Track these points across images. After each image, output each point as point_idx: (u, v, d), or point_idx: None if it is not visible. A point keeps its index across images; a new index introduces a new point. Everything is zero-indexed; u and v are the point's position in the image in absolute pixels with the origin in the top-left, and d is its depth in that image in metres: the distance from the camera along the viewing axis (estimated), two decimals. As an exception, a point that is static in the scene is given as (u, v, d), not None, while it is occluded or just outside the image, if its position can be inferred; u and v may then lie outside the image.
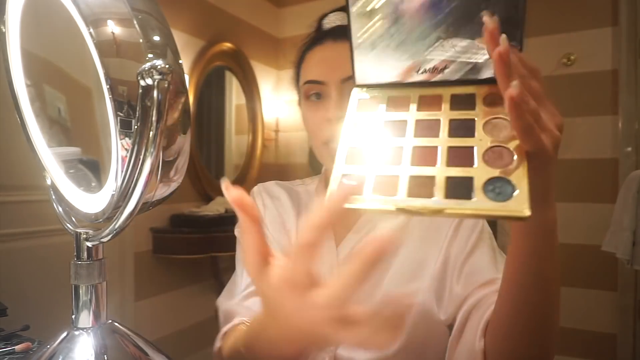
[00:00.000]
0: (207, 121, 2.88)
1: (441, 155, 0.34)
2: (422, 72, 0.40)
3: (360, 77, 0.42)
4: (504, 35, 0.31)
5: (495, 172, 0.32)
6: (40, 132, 0.43)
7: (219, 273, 2.61)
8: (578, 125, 2.49)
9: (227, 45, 2.83)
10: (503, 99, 0.32)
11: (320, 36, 0.71)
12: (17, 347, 0.63)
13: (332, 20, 0.73)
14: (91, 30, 0.31)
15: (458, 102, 0.38)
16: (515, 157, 0.33)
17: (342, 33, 0.66)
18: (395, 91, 0.41)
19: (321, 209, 0.30)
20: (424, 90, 0.40)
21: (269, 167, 3.25)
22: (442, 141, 0.35)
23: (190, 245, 2.35)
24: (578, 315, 2.46)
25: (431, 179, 0.33)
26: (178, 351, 2.39)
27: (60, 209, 0.43)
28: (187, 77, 2.54)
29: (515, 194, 0.30)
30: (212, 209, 2.52)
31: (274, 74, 3.35)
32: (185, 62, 2.54)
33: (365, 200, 0.33)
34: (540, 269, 0.45)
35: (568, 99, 2.51)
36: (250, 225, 0.33)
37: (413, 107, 0.39)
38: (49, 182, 0.43)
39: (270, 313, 0.36)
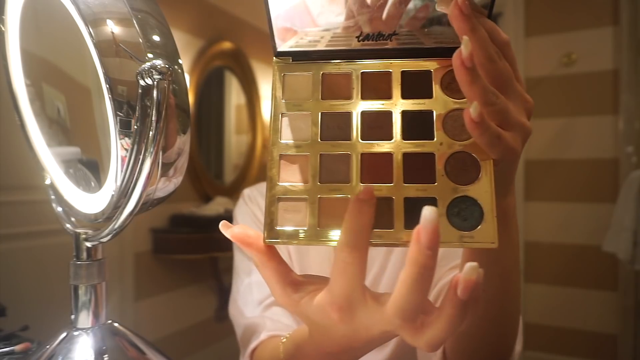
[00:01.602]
0: (207, 121, 2.88)
1: (396, 167, 0.29)
2: (363, 39, 0.31)
3: (283, 42, 0.32)
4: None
5: (461, 191, 0.28)
6: (40, 131, 0.42)
7: (219, 273, 2.61)
8: (578, 125, 2.49)
9: (227, 44, 2.83)
10: None
11: None
12: (17, 348, 0.63)
13: None
14: (90, 29, 0.31)
15: (411, 85, 0.31)
16: (481, 168, 0.28)
17: None
18: (331, 65, 0.32)
19: (348, 217, 0.26)
20: (368, 65, 0.31)
21: (269, 167, 3.25)
22: (396, 146, 0.29)
23: (190, 245, 2.35)
24: (578, 315, 2.46)
25: (388, 203, 0.28)
26: (178, 351, 2.39)
27: (60, 209, 0.43)
28: (187, 77, 2.54)
29: (482, 222, 0.27)
30: (212, 209, 2.52)
31: (274, 74, 3.35)
32: (185, 62, 2.54)
33: (306, 235, 0.28)
34: (496, 256, 0.41)
35: (568, 99, 2.51)
36: (264, 259, 0.29)
37: (357, 91, 0.31)
38: (48, 182, 0.43)
39: (325, 334, 0.31)
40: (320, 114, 0.31)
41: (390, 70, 0.31)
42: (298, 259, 0.72)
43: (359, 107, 0.30)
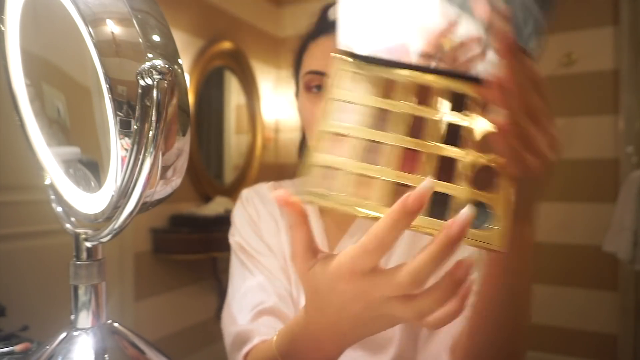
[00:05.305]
0: (207, 121, 2.88)
1: (428, 164, 0.32)
2: (416, 54, 0.36)
3: (346, 40, 0.37)
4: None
5: (478, 197, 0.31)
6: (40, 131, 0.42)
7: (218, 273, 2.61)
8: (579, 125, 2.49)
9: (227, 44, 2.83)
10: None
11: (325, 26, 0.67)
12: (16, 348, 0.63)
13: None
14: (90, 29, 0.31)
15: (451, 100, 0.35)
16: (500, 180, 0.31)
17: None
18: (383, 70, 0.37)
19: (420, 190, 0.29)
20: (416, 76, 0.36)
21: (269, 167, 3.25)
22: (431, 147, 0.33)
23: (190, 245, 2.35)
24: (578, 315, 2.46)
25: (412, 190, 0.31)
26: (178, 351, 2.39)
27: (60, 209, 0.43)
28: (187, 77, 2.54)
29: (495, 227, 0.30)
30: (212, 209, 2.52)
31: (274, 74, 3.35)
32: (185, 62, 2.54)
33: (334, 199, 0.32)
34: (510, 284, 0.46)
35: (568, 99, 2.51)
36: (300, 220, 0.34)
37: (401, 94, 0.36)
38: (48, 182, 0.43)
39: (322, 306, 0.35)
40: (367, 106, 0.35)
41: (434, 86, 0.36)
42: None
43: (403, 108, 0.35)
